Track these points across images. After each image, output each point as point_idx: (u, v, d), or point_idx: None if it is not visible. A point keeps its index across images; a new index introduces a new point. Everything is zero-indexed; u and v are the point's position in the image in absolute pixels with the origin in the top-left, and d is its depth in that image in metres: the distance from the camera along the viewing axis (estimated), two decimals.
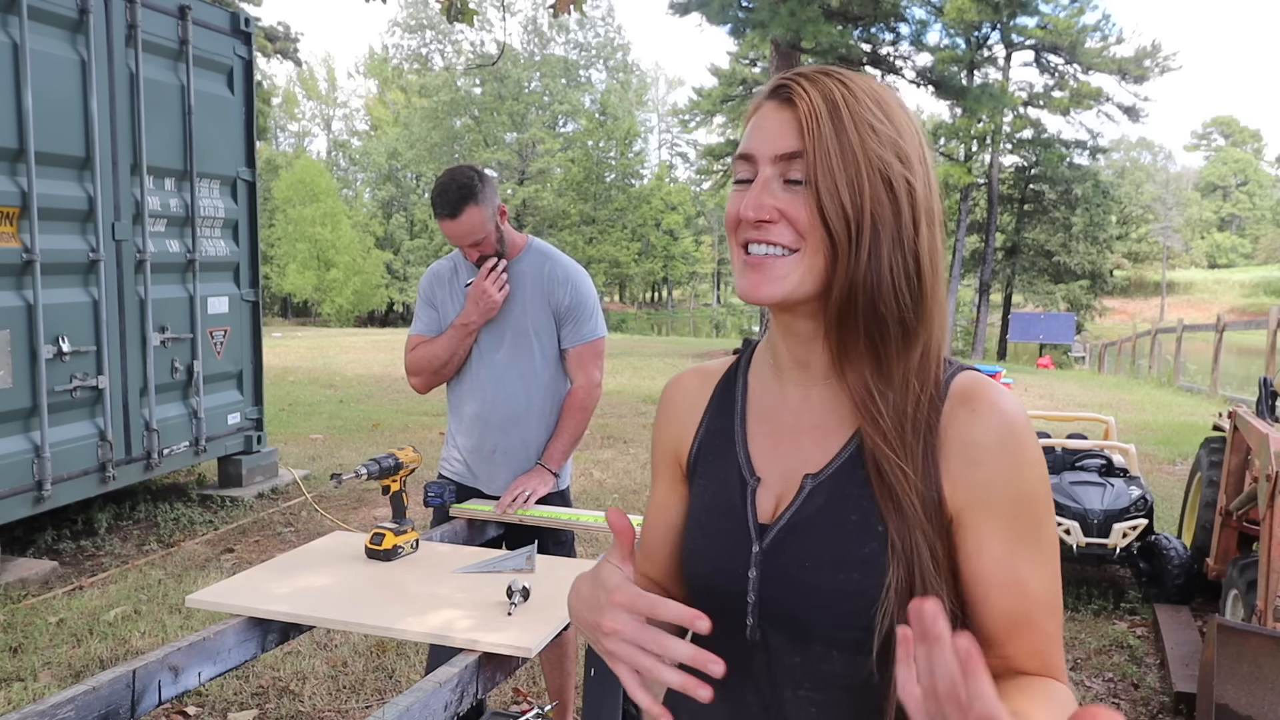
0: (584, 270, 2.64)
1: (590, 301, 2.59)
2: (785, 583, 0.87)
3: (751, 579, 0.89)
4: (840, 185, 0.81)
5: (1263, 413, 4.00)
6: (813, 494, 0.87)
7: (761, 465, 0.92)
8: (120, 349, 4.68)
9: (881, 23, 19.53)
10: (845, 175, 0.81)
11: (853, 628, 0.83)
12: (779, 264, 0.84)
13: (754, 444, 0.94)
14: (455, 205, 2.40)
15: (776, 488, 0.90)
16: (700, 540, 0.94)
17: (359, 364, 13.63)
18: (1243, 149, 73.16)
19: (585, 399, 2.59)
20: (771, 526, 0.88)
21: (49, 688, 3.15)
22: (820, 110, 0.82)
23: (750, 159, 0.85)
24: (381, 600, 1.87)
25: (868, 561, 0.82)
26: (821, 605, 0.84)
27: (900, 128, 0.84)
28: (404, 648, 3.48)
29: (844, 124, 0.82)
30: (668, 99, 60.98)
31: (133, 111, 4.68)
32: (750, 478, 0.92)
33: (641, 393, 10.76)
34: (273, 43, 22.99)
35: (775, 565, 0.87)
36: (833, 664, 0.85)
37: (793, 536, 0.87)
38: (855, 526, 0.84)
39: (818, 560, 0.85)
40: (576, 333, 2.57)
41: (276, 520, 5.24)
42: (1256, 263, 65.28)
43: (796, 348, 0.91)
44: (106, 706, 1.48)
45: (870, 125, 0.82)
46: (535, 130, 43.23)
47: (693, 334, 40.76)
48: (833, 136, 0.81)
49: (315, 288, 35.55)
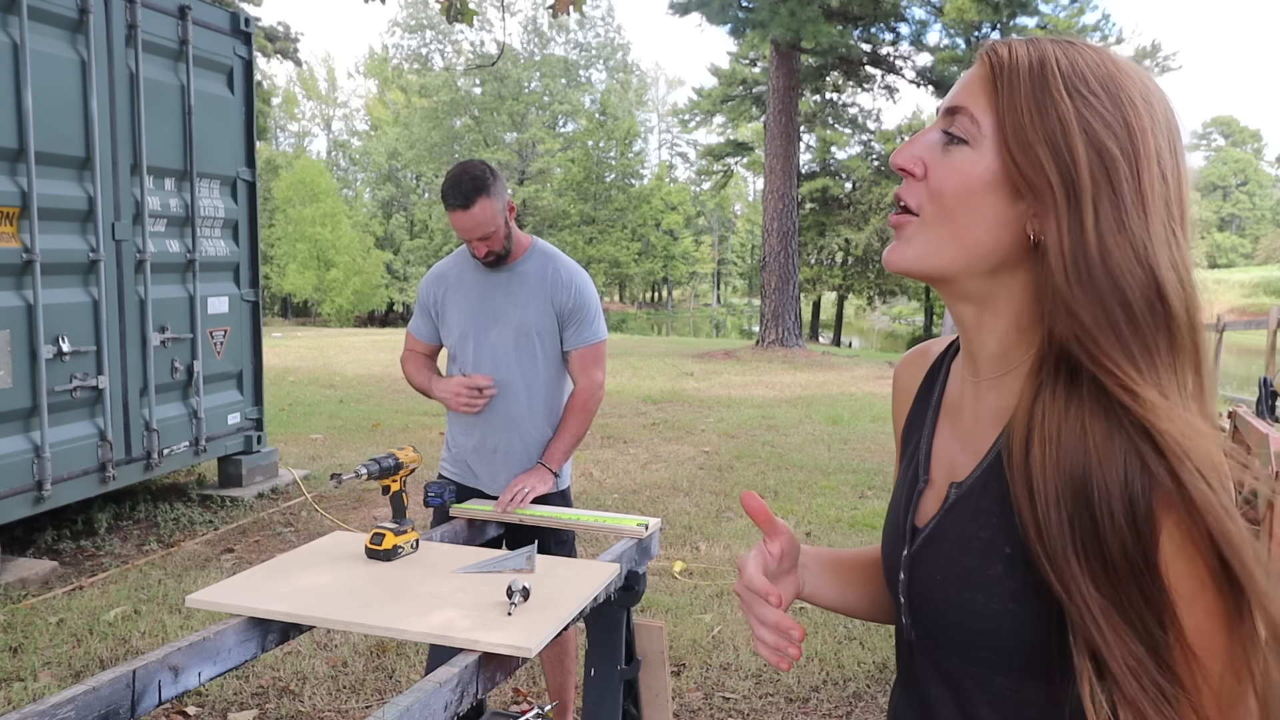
0: (586, 273, 2.66)
1: (593, 305, 2.59)
2: (922, 592, 0.85)
3: (902, 582, 0.87)
4: (1025, 149, 0.71)
5: (1263, 413, 4.00)
6: (957, 503, 0.82)
7: (937, 464, 0.88)
8: (120, 349, 4.68)
9: (881, 23, 19.51)
10: (1037, 140, 0.71)
11: (984, 648, 0.78)
12: (907, 227, 0.78)
13: (939, 439, 0.89)
14: (469, 196, 2.41)
15: (940, 490, 0.86)
16: (883, 534, 0.94)
17: (359, 364, 13.63)
18: (1243, 149, 73.16)
19: (588, 401, 2.61)
20: (920, 533, 0.86)
21: (49, 688, 3.14)
22: (1004, 66, 0.74)
23: (938, 114, 0.79)
24: (381, 600, 1.87)
25: (994, 584, 0.76)
26: (952, 621, 0.81)
27: (1124, 101, 0.71)
28: (404, 648, 3.48)
29: (1026, 83, 0.72)
30: (668, 99, 61.01)
31: (133, 111, 4.68)
32: (922, 476, 0.88)
33: (641, 393, 10.76)
34: (273, 43, 22.99)
35: (917, 572, 0.85)
36: (973, 679, 0.81)
37: (930, 547, 0.84)
38: (982, 544, 0.78)
39: (947, 574, 0.81)
40: (579, 335, 2.58)
41: (276, 520, 5.24)
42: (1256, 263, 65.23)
43: (964, 336, 0.84)
44: (106, 706, 1.48)
45: (1074, 89, 0.71)
46: (535, 130, 43.23)
47: (693, 334, 40.74)
48: (1008, 92, 0.72)
49: (315, 288, 35.53)
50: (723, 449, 7.46)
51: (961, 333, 0.84)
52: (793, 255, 17.16)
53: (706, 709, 3.12)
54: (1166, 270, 0.70)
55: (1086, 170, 0.70)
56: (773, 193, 17.09)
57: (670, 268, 45.37)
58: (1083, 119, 0.71)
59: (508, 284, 2.58)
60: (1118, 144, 0.71)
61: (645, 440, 7.82)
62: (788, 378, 13.00)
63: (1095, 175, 0.70)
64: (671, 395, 10.77)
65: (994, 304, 0.79)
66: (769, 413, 9.42)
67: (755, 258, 47.46)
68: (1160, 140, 0.72)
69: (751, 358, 15.73)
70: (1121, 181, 0.70)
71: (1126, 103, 0.72)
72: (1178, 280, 0.70)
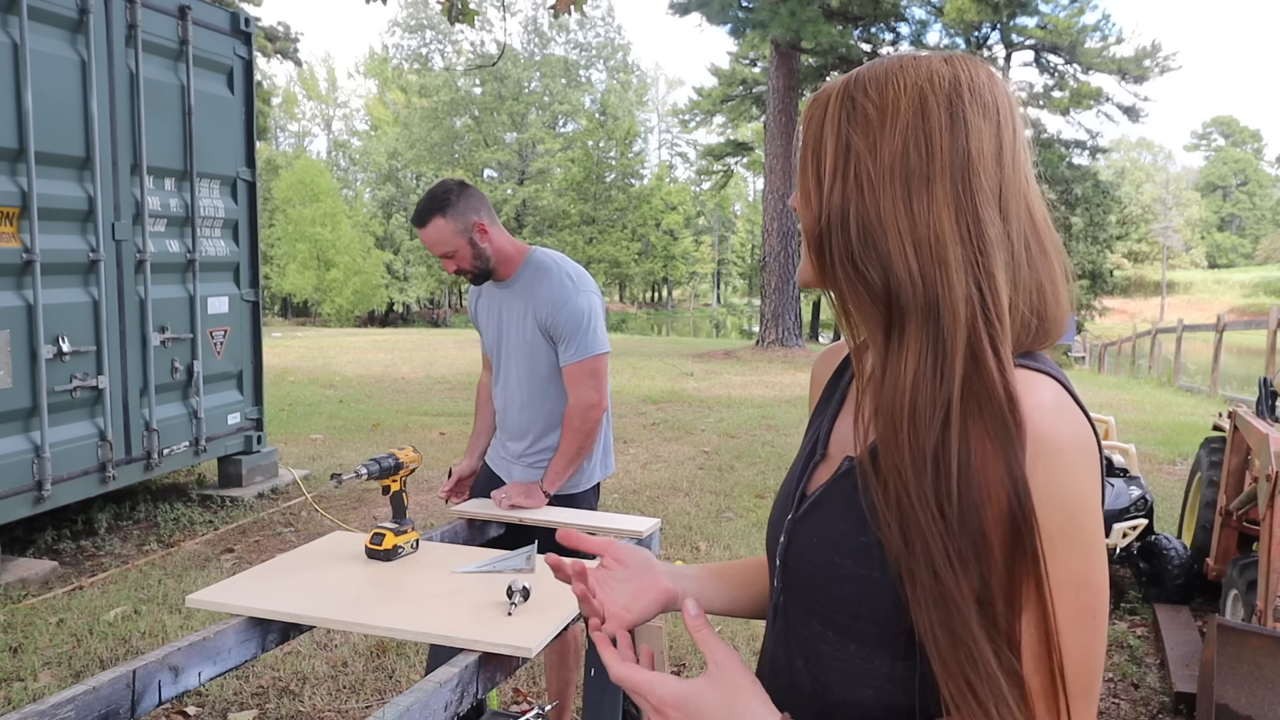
0: (582, 285, 2.57)
1: (583, 320, 2.53)
2: (799, 555, 0.89)
3: (780, 545, 0.92)
4: (808, 167, 0.84)
5: (1263, 413, 4.00)
6: (847, 473, 0.86)
7: (836, 440, 0.93)
8: (120, 349, 4.68)
9: (881, 23, 19.52)
10: (811, 157, 0.83)
11: (843, 614, 0.83)
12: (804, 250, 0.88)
13: (842, 420, 0.94)
14: (422, 215, 2.46)
15: (834, 463, 0.90)
16: (774, 505, 0.98)
17: (359, 364, 13.63)
18: (1243, 149, 73.17)
19: (577, 420, 2.56)
20: (808, 499, 0.90)
21: (49, 688, 3.14)
22: (807, 122, 0.86)
23: None
24: (381, 600, 1.87)
25: (864, 550, 0.81)
26: (819, 584, 0.85)
27: (883, 100, 0.79)
28: (404, 648, 3.48)
29: (818, 112, 0.83)
30: (668, 99, 61.06)
31: (133, 111, 4.68)
32: (820, 450, 0.93)
33: (641, 393, 10.76)
34: (273, 43, 22.98)
35: (797, 536, 0.89)
36: (829, 644, 0.85)
37: (815, 511, 0.88)
38: (858, 513, 0.82)
39: (823, 539, 0.86)
40: (567, 352, 2.55)
41: (276, 520, 5.24)
42: (1256, 263, 65.29)
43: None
44: (106, 706, 1.48)
45: (851, 103, 0.81)
46: (535, 130, 43.24)
47: (693, 334, 40.75)
48: (805, 145, 0.84)
49: (315, 288, 35.54)
50: (723, 449, 7.46)
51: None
52: (793, 255, 17.15)
53: None
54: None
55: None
56: (773, 193, 17.09)
57: (670, 268, 45.38)
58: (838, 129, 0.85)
59: (509, 301, 2.61)
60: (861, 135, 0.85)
61: (645, 440, 7.82)
62: (788, 378, 13.00)
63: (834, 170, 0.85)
64: (671, 395, 10.77)
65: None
66: (769, 413, 9.42)
67: (755, 258, 47.47)
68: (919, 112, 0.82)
69: (751, 358, 15.73)
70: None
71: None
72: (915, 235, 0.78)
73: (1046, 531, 0.73)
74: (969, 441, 0.74)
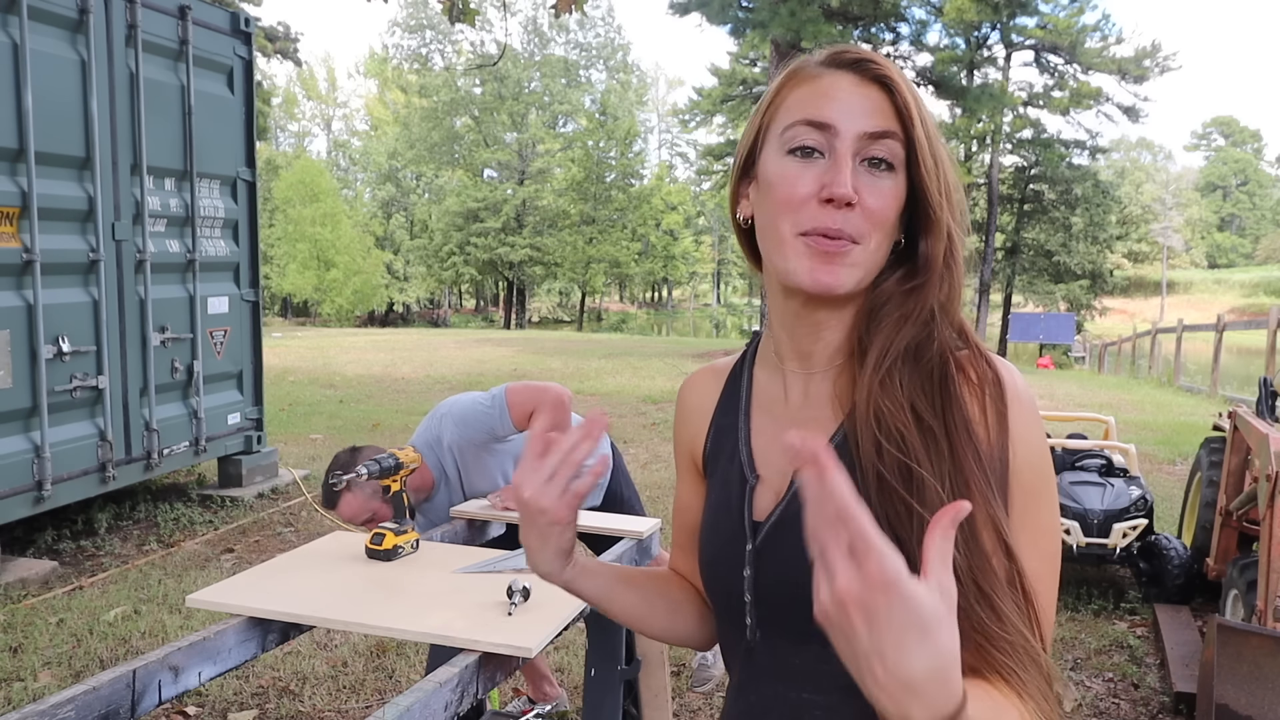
0: (460, 414, 2.57)
1: (471, 404, 2.55)
2: (776, 581, 0.85)
3: (747, 578, 0.87)
4: (936, 176, 0.81)
5: (1263, 413, 4.00)
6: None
7: (763, 462, 0.90)
8: (120, 349, 4.68)
9: (881, 23, 19.53)
10: (940, 166, 0.81)
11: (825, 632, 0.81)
12: (853, 252, 0.80)
13: (756, 440, 0.92)
14: (328, 501, 2.43)
15: (775, 484, 0.88)
16: (706, 541, 0.93)
17: (359, 364, 13.63)
18: (1243, 149, 73.18)
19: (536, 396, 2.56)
20: (764, 524, 0.87)
21: (49, 688, 3.14)
22: (913, 93, 0.81)
23: (827, 129, 0.80)
24: (381, 600, 1.87)
25: None
26: (805, 603, 0.80)
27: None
28: (404, 648, 3.48)
29: (927, 113, 0.81)
30: (668, 99, 61.03)
31: (133, 111, 4.68)
32: (750, 475, 0.90)
33: (641, 393, 10.76)
34: (273, 43, 22.98)
35: (766, 563, 0.86)
36: (832, 664, 0.79)
37: (781, 533, 0.85)
38: None
39: (800, 552, 0.81)
40: (490, 408, 2.54)
41: (276, 520, 5.24)
42: (1256, 263, 65.28)
43: (805, 337, 0.88)
44: (106, 706, 1.48)
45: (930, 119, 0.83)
46: (535, 130, 43.20)
47: (693, 334, 40.74)
48: (923, 124, 0.81)
49: (315, 288, 35.55)
50: None
51: (806, 335, 0.88)
52: None
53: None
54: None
55: (947, 179, 0.82)
56: None
57: (670, 268, 45.35)
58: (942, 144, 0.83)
59: (441, 504, 2.65)
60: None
61: (645, 440, 7.82)
62: None
63: (951, 179, 0.83)
64: (671, 395, 10.77)
65: (853, 302, 0.86)
66: None
67: None
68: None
69: None
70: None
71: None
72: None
73: (1030, 483, 0.80)
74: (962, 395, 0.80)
